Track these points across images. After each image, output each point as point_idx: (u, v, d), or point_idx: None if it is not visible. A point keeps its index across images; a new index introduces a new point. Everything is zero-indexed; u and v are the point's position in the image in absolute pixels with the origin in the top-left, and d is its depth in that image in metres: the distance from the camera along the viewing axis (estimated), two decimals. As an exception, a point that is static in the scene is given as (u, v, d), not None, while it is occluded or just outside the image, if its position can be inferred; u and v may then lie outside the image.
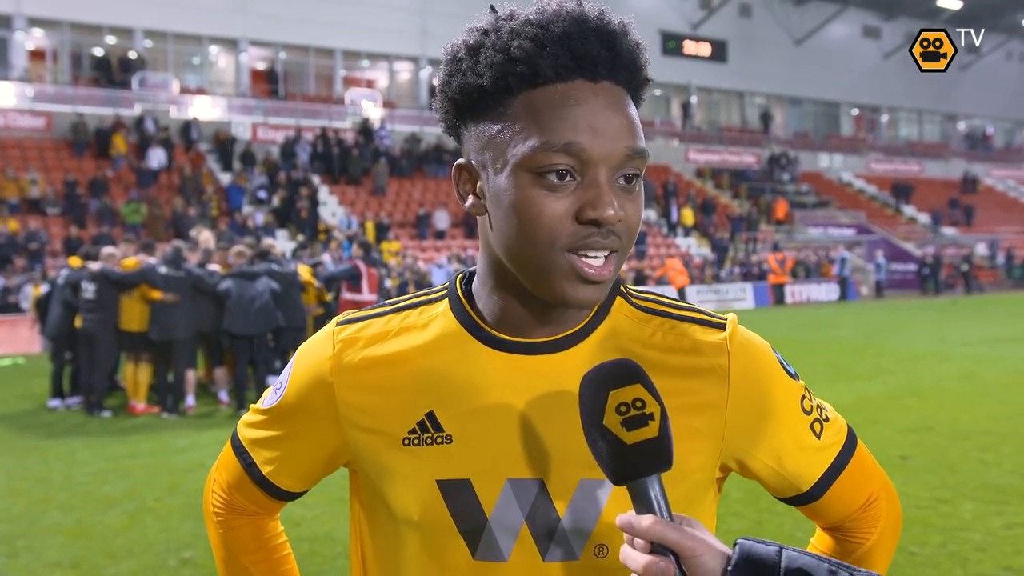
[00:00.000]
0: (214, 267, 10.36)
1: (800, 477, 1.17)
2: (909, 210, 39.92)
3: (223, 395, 10.35)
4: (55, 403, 10.37)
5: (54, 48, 30.00)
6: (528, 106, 0.99)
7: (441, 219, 27.09)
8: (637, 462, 0.90)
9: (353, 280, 11.38)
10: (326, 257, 13.49)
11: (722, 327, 1.13)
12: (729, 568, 0.88)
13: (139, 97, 27.95)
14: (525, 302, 1.07)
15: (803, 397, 1.17)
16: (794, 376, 1.18)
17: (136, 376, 10.03)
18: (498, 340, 1.08)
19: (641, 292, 1.18)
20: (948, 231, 38.06)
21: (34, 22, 28.99)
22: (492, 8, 1.06)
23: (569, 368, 1.05)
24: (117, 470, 7.28)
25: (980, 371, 11.62)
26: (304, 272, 11.29)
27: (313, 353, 1.16)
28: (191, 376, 10.09)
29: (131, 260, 9.91)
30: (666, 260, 26.14)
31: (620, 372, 0.93)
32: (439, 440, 1.07)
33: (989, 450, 7.16)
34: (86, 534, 5.56)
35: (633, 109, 1.03)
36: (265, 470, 1.21)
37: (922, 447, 7.35)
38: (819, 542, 1.31)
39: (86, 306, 9.71)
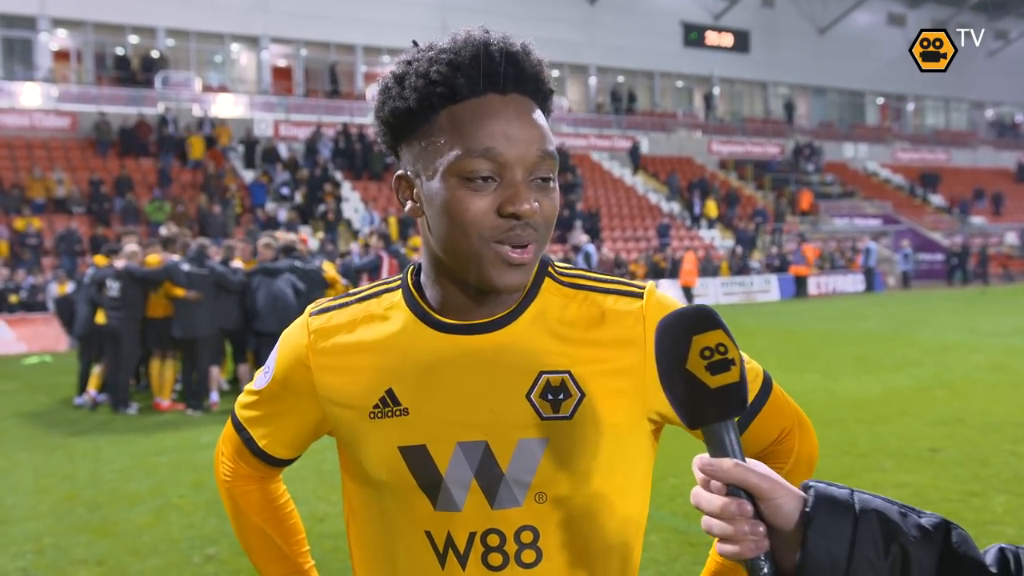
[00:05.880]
0: (236, 264, 10.39)
1: None
2: (936, 199, 39.46)
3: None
4: (81, 400, 10.45)
5: (78, 48, 30.25)
6: (450, 120, 1.16)
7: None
8: (718, 406, 0.95)
9: (374, 271, 11.56)
10: (354, 247, 13.65)
11: (639, 295, 1.27)
12: (807, 509, 0.92)
13: (162, 96, 28.11)
14: (462, 289, 1.23)
15: None
16: None
17: (162, 373, 10.09)
18: (443, 324, 1.25)
19: (569, 269, 1.32)
20: (976, 220, 37.54)
21: (58, 23, 29.24)
22: (414, 42, 1.23)
23: (504, 345, 1.23)
24: (142, 467, 7.33)
25: (1011, 362, 11.44)
26: (329, 268, 11.31)
27: (293, 340, 1.35)
28: (215, 373, 10.13)
29: (155, 257, 9.96)
30: (685, 255, 25.79)
31: (701, 317, 0.97)
32: (398, 413, 1.25)
33: (1021, 442, 7.04)
34: (112, 531, 5.58)
35: (542, 118, 1.21)
36: (261, 443, 1.41)
37: (952, 439, 7.23)
38: None
39: (111, 304, 9.77)
